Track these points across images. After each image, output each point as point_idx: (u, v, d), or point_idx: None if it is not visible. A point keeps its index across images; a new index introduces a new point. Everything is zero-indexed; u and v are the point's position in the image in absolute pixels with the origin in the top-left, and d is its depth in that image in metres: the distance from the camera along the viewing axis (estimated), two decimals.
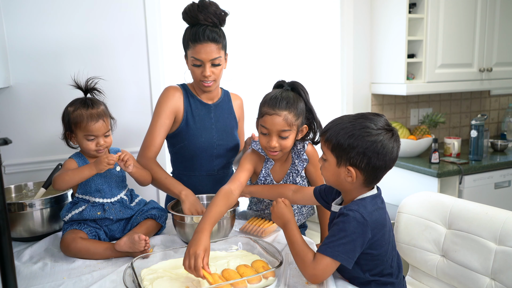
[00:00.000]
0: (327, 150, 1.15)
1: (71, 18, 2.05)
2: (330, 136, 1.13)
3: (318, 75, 2.68)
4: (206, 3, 1.59)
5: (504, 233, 1.21)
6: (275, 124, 1.40)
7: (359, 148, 1.08)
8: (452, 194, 2.47)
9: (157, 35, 2.22)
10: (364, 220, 1.07)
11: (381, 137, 1.09)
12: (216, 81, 1.65)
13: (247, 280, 1.11)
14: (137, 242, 1.28)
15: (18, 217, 1.47)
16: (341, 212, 1.12)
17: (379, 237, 1.11)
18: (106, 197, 1.45)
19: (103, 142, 1.42)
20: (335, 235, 1.09)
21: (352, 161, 1.10)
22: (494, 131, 3.44)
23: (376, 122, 1.11)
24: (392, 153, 1.11)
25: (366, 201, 1.12)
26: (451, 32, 2.61)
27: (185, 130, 1.68)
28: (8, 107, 2.00)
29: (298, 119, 1.43)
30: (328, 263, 1.08)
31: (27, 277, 1.23)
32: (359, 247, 1.08)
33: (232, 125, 1.79)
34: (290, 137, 1.43)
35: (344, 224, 1.08)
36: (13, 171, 2.03)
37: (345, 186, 1.16)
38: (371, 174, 1.11)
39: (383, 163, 1.10)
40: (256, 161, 1.54)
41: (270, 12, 2.50)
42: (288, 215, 1.23)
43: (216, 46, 1.58)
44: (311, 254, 1.12)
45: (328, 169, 1.16)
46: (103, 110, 1.44)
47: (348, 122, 1.13)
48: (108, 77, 2.16)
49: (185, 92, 1.71)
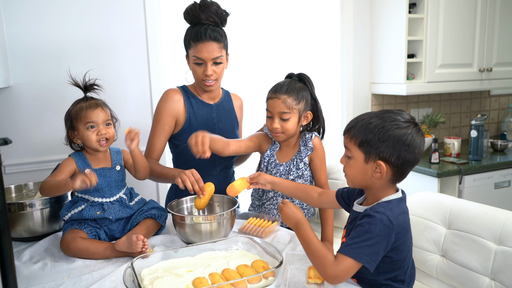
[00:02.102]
0: (353, 147, 1.12)
1: (71, 18, 2.06)
2: (356, 132, 1.11)
3: (318, 75, 2.68)
4: (208, 2, 1.60)
5: (504, 233, 1.21)
6: (275, 106, 1.53)
7: (389, 141, 1.07)
8: (452, 194, 2.47)
9: (157, 35, 2.23)
10: (390, 223, 1.05)
11: (410, 130, 1.08)
12: (217, 80, 1.66)
13: (247, 280, 1.11)
14: (134, 243, 1.28)
15: (18, 217, 1.47)
16: (366, 213, 1.09)
17: (402, 242, 1.09)
18: (105, 197, 1.45)
19: (104, 132, 1.42)
20: (359, 236, 1.06)
21: (382, 155, 1.08)
22: (494, 131, 3.44)
23: (403, 116, 1.10)
24: (420, 147, 1.09)
25: (393, 204, 1.10)
26: (451, 32, 2.61)
27: (188, 131, 1.68)
28: (8, 107, 2.01)
29: (299, 104, 1.54)
30: (351, 264, 1.05)
31: (27, 277, 1.23)
32: (382, 250, 1.06)
33: (234, 125, 1.80)
34: (291, 120, 1.54)
35: (370, 225, 1.05)
36: (13, 171, 2.03)
37: (372, 183, 1.13)
38: (400, 169, 1.09)
39: (412, 156, 1.08)
40: (263, 141, 1.68)
41: (270, 12, 2.50)
42: (298, 215, 1.20)
43: (218, 45, 1.59)
44: (331, 255, 1.09)
45: (354, 166, 1.14)
46: (102, 101, 1.46)
47: (374, 117, 1.11)
48: (108, 77, 2.16)
49: (185, 94, 1.71)
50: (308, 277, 1.17)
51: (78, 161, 1.45)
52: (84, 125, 1.41)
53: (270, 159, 1.66)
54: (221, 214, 1.41)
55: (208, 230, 1.38)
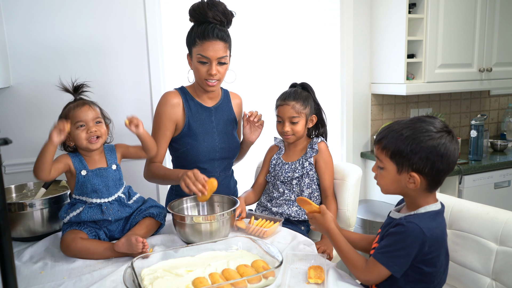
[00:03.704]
0: (385, 158, 1.12)
1: (71, 18, 2.05)
2: (388, 143, 1.11)
3: (318, 75, 2.68)
4: (216, 1, 1.59)
5: (505, 233, 1.21)
6: (285, 112, 1.72)
7: (422, 152, 1.06)
8: (452, 194, 2.47)
9: (157, 37, 2.22)
10: (423, 235, 1.05)
11: (443, 140, 1.07)
12: (220, 81, 1.65)
13: (247, 280, 1.10)
14: (134, 244, 1.28)
15: (18, 217, 1.47)
16: (400, 222, 1.09)
17: (434, 256, 1.09)
18: (103, 197, 1.44)
19: (94, 129, 1.41)
20: (391, 245, 1.08)
21: (415, 166, 1.07)
22: (494, 131, 3.44)
23: (436, 125, 1.09)
24: (454, 155, 1.08)
25: (429, 217, 1.10)
26: (451, 32, 2.61)
27: (187, 135, 1.68)
28: (8, 107, 2.00)
29: (305, 108, 1.73)
30: (382, 271, 1.09)
31: (27, 277, 1.23)
32: (411, 260, 1.07)
33: (233, 126, 1.79)
34: (299, 122, 1.72)
35: (403, 235, 1.06)
36: (13, 171, 2.03)
37: (407, 192, 1.13)
38: (435, 179, 1.09)
39: (447, 166, 1.08)
40: (271, 154, 1.88)
41: (270, 12, 2.50)
42: (326, 224, 1.24)
43: (224, 45, 1.59)
44: (362, 259, 1.13)
45: (386, 177, 1.13)
46: (91, 100, 1.47)
47: (406, 127, 1.10)
48: (108, 78, 2.16)
49: (184, 96, 1.70)
50: (308, 277, 1.17)
51: (75, 161, 1.44)
52: (74, 125, 1.40)
53: (277, 161, 1.82)
54: (221, 214, 1.40)
55: (208, 230, 1.38)
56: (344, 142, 2.80)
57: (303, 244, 1.43)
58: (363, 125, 2.86)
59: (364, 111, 2.85)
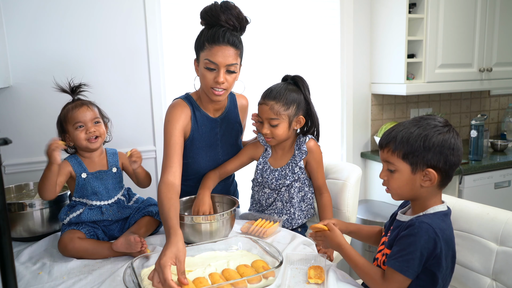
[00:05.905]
0: (397, 160, 1.11)
1: (71, 18, 2.05)
2: (398, 144, 1.10)
3: (318, 75, 2.68)
4: (230, 5, 1.47)
5: (505, 233, 1.21)
6: (263, 112, 1.55)
7: (435, 147, 1.07)
8: (452, 194, 2.47)
9: (158, 45, 2.20)
10: (435, 235, 1.05)
11: (452, 133, 1.09)
12: (227, 91, 1.51)
13: (247, 280, 1.10)
14: (133, 244, 1.28)
15: (18, 217, 1.47)
16: (412, 223, 1.08)
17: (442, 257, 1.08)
18: (103, 199, 1.44)
19: (93, 129, 1.41)
20: (405, 249, 1.06)
21: (429, 163, 1.08)
22: (494, 131, 3.43)
23: (439, 120, 1.11)
24: (461, 148, 1.11)
25: (440, 217, 1.10)
26: (451, 32, 2.61)
27: (190, 147, 1.61)
28: (8, 107, 2.00)
29: (288, 109, 1.54)
30: (400, 280, 1.06)
31: (27, 277, 1.23)
32: (424, 260, 1.06)
33: (238, 135, 1.74)
34: (280, 125, 1.54)
35: (415, 237, 1.05)
36: (13, 171, 2.03)
37: (420, 193, 1.13)
38: (447, 173, 1.10)
39: (457, 158, 1.10)
40: (254, 151, 1.71)
41: (270, 12, 2.50)
42: (336, 240, 1.21)
43: (235, 51, 1.46)
44: (379, 271, 1.11)
45: (399, 179, 1.12)
46: (89, 101, 1.47)
47: (413, 126, 1.11)
48: (109, 78, 2.15)
49: (192, 107, 1.58)
50: (308, 277, 1.17)
51: (74, 165, 1.44)
52: (73, 125, 1.41)
53: (264, 166, 1.68)
54: (221, 214, 1.40)
55: (208, 230, 1.38)
56: (344, 142, 2.80)
57: (303, 244, 1.43)
58: (363, 125, 2.86)
59: (364, 111, 2.85)
